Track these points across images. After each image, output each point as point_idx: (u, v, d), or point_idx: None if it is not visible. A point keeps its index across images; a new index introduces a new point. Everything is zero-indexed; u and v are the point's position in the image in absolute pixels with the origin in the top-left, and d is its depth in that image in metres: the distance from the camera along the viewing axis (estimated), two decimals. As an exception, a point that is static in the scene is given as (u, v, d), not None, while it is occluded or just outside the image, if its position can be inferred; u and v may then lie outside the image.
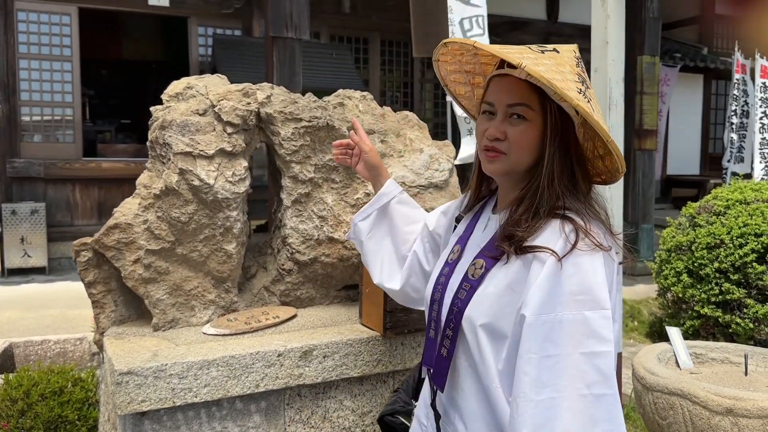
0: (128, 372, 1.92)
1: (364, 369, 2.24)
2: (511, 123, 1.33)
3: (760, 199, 4.52)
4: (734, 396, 2.02)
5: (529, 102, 1.32)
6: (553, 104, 1.31)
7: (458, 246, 1.47)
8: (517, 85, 1.32)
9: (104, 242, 2.20)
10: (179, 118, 2.20)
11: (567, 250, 1.21)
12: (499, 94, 1.36)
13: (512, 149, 1.34)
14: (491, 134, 1.35)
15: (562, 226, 1.26)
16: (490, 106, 1.37)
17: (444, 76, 1.60)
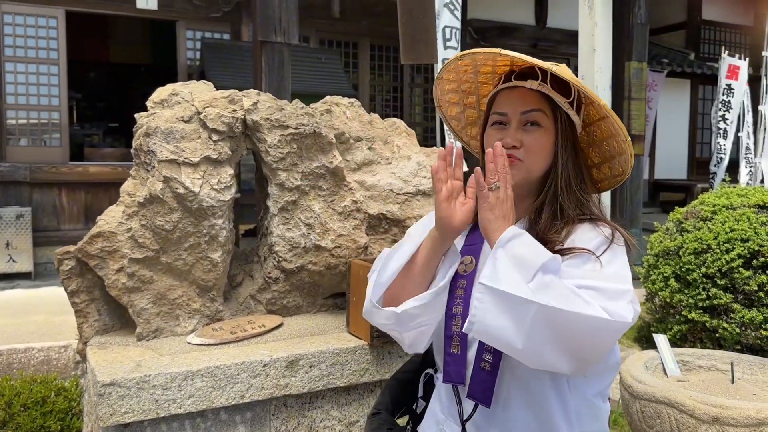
0: (111, 383, 1.89)
1: (351, 378, 2.22)
2: (526, 130, 1.39)
3: (746, 205, 4.55)
4: (721, 404, 2.02)
5: (542, 108, 1.39)
6: (563, 112, 1.39)
7: (470, 257, 1.45)
8: (530, 94, 1.39)
9: (87, 251, 2.17)
10: (164, 126, 2.17)
11: (606, 246, 1.30)
12: (512, 103, 1.41)
13: (528, 155, 1.38)
14: (507, 143, 1.38)
15: (595, 226, 1.34)
16: (502, 116, 1.41)
17: (441, 95, 1.63)
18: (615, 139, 1.46)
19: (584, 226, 1.35)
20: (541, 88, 1.37)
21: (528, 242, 1.27)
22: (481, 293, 1.22)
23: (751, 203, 4.56)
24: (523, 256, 1.23)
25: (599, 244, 1.31)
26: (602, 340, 1.22)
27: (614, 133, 1.44)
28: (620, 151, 1.47)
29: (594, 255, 1.29)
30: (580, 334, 1.20)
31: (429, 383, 1.68)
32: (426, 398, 1.65)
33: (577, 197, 1.37)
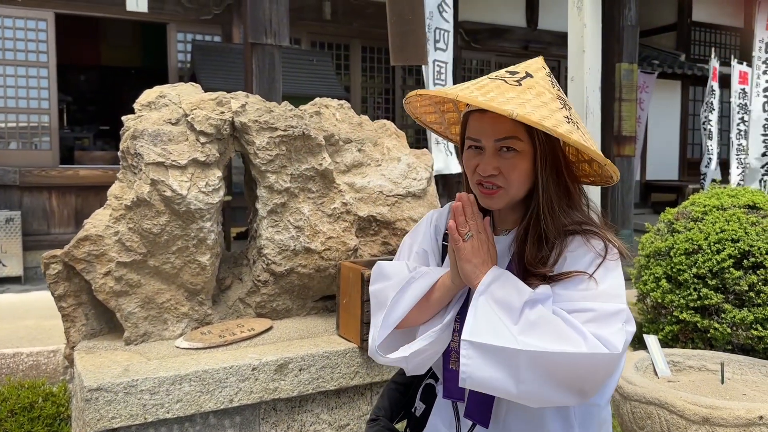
0: (98, 388, 1.87)
1: (341, 382, 2.21)
2: (502, 156, 1.32)
3: (736, 205, 4.56)
4: (710, 405, 2.01)
5: (516, 134, 1.31)
6: (539, 131, 1.30)
7: None
8: (501, 120, 1.29)
9: (74, 255, 2.15)
10: (151, 128, 2.16)
11: (598, 262, 1.27)
12: (484, 130, 1.34)
13: (508, 182, 1.33)
14: (484, 170, 1.33)
15: (586, 241, 1.30)
16: (477, 141, 1.35)
17: (413, 111, 1.60)
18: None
19: (575, 242, 1.31)
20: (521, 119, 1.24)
21: (509, 282, 1.25)
22: (465, 349, 1.21)
23: (741, 203, 4.57)
24: (505, 298, 1.22)
25: (591, 260, 1.28)
26: (597, 374, 1.20)
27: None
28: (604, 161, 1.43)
29: (587, 274, 1.26)
30: (573, 371, 1.19)
31: (428, 389, 1.66)
32: (425, 401, 1.63)
33: (560, 220, 1.33)
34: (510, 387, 1.19)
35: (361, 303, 2.19)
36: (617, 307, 1.22)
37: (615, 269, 1.29)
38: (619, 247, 1.31)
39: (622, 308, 1.23)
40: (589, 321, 1.21)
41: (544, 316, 1.20)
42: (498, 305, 1.22)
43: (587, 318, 1.21)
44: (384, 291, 1.47)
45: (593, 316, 1.21)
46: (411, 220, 2.55)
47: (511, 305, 1.22)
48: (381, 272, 1.51)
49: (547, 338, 1.18)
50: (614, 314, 1.22)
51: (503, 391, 1.20)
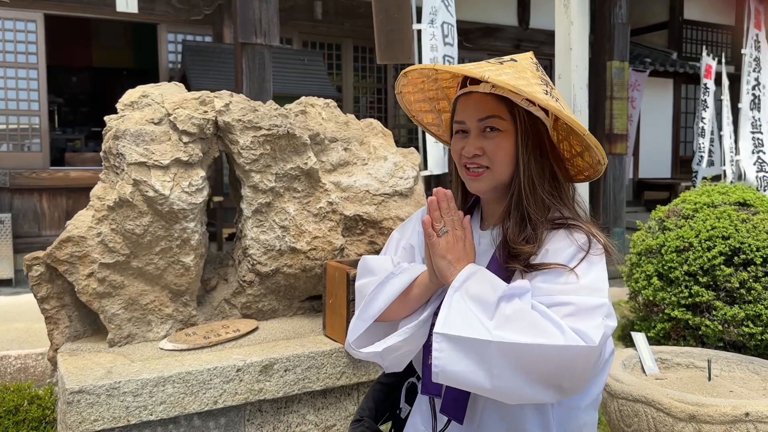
0: (80, 390, 1.85)
1: (327, 382, 2.19)
2: (486, 137, 1.33)
3: (727, 202, 4.57)
4: (697, 402, 2.01)
5: (498, 113, 1.32)
6: (521, 111, 1.32)
7: None
8: (484, 99, 1.33)
9: (56, 256, 2.13)
10: (133, 128, 2.14)
11: (581, 256, 1.25)
12: (468, 111, 1.35)
13: (492, 162, 1.33)
14: (468, 151, 1.34)
15: (569, 234, 1.28)
16: (462, 124, 1.37)
17: (409, 107, 1.60)
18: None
19: (558, 235, 1.30)
20: (494, 90, 1.30)
21: (485, 278, 1.24)
22: (437, 342, 1.19)
23: (731, 201, 4.58)
24: (481, 294, 1.21)
25: (573, 254, 1.26)
26: (575, 368, 1.18)
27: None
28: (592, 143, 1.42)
29: (567, 267, 1.24)
30: (549, 365, 1.16)
31: (412, 389, 1.65)
32: (410, 403, 1.62)
33: (542, 198, 1.32)
34: (483, 381, 1.17)
35: (347, 303, 2.18)
36: (598, 301, 1.21)
37: (598, 264, 1.27)
38: (604, 244, 1.29)
39: (603, 302, 1.21)
40: (568, 315, 1.19)
41: (520, 309, 1.19)
42: (472, 300, 1.21)
43: (567, 312, 1.20)
44: (367, 286, 1.46)
45: (573, 309, 1.20)
46: (398, 219, 2.54)
47: (486, 300, 1.20)
48: (366, 267, 1.50)
49: (523, 331, 1.16)
50: (595, 308, 1.20)
51: (477, 386, 1.18)
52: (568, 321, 1.18)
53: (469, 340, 1.16)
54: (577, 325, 1.17)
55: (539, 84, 1.30)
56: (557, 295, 1.22)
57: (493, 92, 1.31)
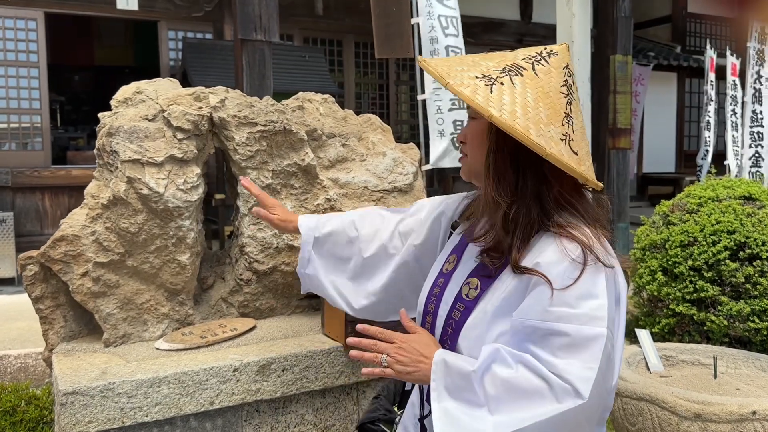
0: (73, 392, 1.83)
1: (326, 381, 2.16)
2: (470, 125, 1.32)
3: (732, 197, 4.51)
4: (702, 400, 1.97)
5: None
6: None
7: (454, 255, 1.40)
8: None
9: (50, 255, 2.10)
10: (127, 125, 2.10)
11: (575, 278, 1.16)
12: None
13: (468, 150, 1.31)
14: (458, 138, 1.36)
15: (561, 244, 1.19)
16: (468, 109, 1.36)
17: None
18: None
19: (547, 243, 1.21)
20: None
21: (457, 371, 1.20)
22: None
23: (736, 195, 4.52)
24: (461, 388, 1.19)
25: (566, 271, 1.17)
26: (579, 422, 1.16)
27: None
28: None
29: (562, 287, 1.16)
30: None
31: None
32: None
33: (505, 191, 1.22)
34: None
35: (345, 301, 2.14)
36: (595, 332, 1.14)
37: (595, 280, 1.17)
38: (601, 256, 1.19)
39: (601, 333, 1.14)
40: (563, 347, 1.15)
41: (503, 380, 1.16)
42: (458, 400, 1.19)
43: (561, 343, 1.15)
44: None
45: (568, 341, 1.14)
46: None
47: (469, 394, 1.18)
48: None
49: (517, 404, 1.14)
50: (592, 340, 1.14)
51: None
52: (561, 358, 1.14)
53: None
54: (568, 369, 1.13)
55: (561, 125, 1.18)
56: (554, 322, 1.15)
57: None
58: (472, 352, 1.24)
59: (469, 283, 1.31)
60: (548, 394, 1.13)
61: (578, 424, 1.16)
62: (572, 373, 1.13)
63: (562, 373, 1.13)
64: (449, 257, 1.42)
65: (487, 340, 1.23)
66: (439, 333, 1.34)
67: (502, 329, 1.23)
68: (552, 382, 1.13)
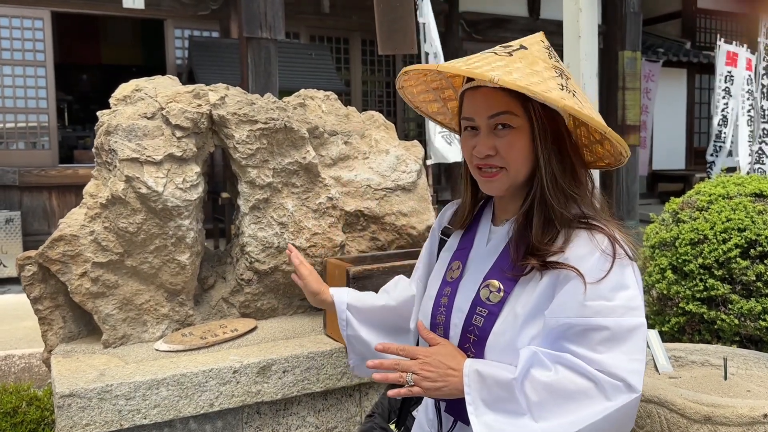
0: (70, 394, 1.80)
1: (328, 383, 2.13)
2: (498, 135, 1.23)
3: (742, 194, 4.44)
4: (712, 403, 1.92)
5: (510, 108, 1.22)
6: (536, 104, 1.21)
7: (458, 262, 1.35)
8: (494, 94, 1.22)
9: (49, 255, 2.08)
10: (125, 123, 2.08)
11: (607, 270, 1.15)
12: (477, 107, 1.25)
13: (508, 162, 1.24)
14: (480, 152, 1.24)
15: (591, 237, 1.19)
16: (470, 120, 1.27)
17: (412, 99, 1.50)
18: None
19: (580, 238, 1.20)
20: (503, 84, 1.15)
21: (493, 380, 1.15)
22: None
23: (747, 192, 4.45)
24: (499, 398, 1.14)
25: (598, 263, 1.16)
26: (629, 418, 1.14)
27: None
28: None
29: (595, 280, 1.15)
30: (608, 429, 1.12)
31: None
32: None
33: (566, 194, 1.23)
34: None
35: (347, 301, 2.10)
36: (635, 322, 1.12)
37: (626, 271, 1.17)
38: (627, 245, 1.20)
39: (640, 323, 1.12)
40: (603, 341, 1.11)
41: (544, 385, 1.11)
42: (497, 411, 1.14)
43: (602, 338, 1.12)
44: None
45: (608, 335, 1.11)
46: (400, 214, 2.46)
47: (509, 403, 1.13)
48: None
49: (563, 408, 1.09)
50: (632, 330, 1.12)
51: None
52: (605, 350, 1.11)
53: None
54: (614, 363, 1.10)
55: (554, 77, 1.20)
56: (590, 318, 1.13)
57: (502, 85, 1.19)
58: (502, 359, 1.19)
59: (488, 285, 1.25)
60: (596, 393, 1.10)
61: (630, 418, 1.13)
62: (619, 366, 1.10)
63: (608, 369, 1.10)
64: (451, 264, 1.37)
65: (519, 345, 1.18)
66: (456, 342, 1.28)
67: (534, 332, 1.19)
68: (598, 380, 1.10)
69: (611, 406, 1.08)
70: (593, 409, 1.09)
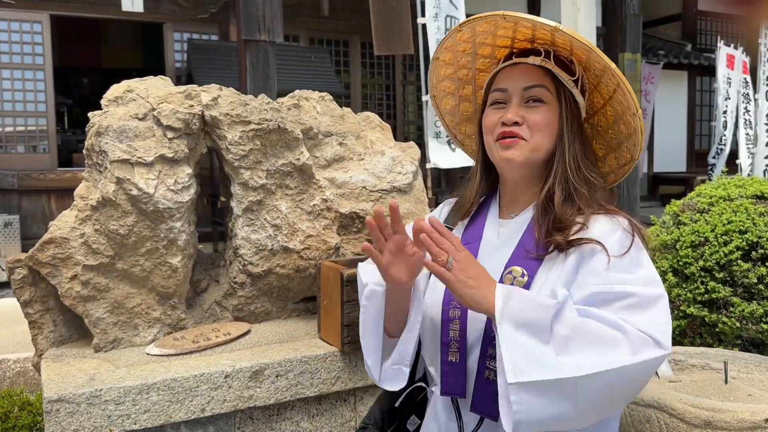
0: (58, 399, 1.77)
1: (322, 388, 2.09)
2: (528, 107, 1.31)
3: (743, 195, 4.41)
4: (712, 407, 1.88)
5: (545, 83, 1.31)
6: (566, 90, 1.31)
7: None
8: (532, 70, 1.32)
9: (38, 258, 2.05)
10: (116, 124, 2.05)
11: (628, 246, 1.20)
12: (513, 78, 1.33)
13: (533, 133, 1.29)
14: (509, 119, 1.29)
15: (611, 218, 1.26)
16: (503, 92, 1.33)
17: (436, 83, 1.53)
18: (623, 118, 1.37)
19: (600, 219, 1.26)
20: (544, 63, 1.31)
21: (525, 300, 1.14)
22: (516, 394, 1.09)
23: (748, 194, 4.42)
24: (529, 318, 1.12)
25: (620, 239, 1.21)
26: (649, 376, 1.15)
27: (625, 108, 1.35)
28: (628, 132, 1.37)
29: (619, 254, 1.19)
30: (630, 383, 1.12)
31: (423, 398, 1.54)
32: (419, 415, 1.52)
33: (586, 178, 1.29)
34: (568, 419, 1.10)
35: (341, 304, 2.08)
36: (659, 292, 1.16)
37: (645, 252, 1.23)
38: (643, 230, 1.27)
39: (664, 293, 1.16)
40: (631, 306, 1.13)
41: (575, 326, 1.11)
42: (525, 329, 1.11)
43: (629, 303, 1.14)
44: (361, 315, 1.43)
45: (635, 301, 1.14)
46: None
47: (539, 325, 1.11)
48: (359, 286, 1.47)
49: (588, 351, 1.09)
50: (657, 299, 1.15)
51: (561, 424, 1.11)
52: (632, 314, 1.12)
53: (551, 383, 1.07)
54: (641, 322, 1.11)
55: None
56: (615, 285, 1.16)
57: (542, 65, 1.30)
58: None
59: (511, 272, 1.26)
60: (624, 343, 1.10)
61: (648, 377, 1.14)
62: (647, 325, 1.12)
63: (636, 325, 1.11)
64: None
65: None
66: (479, 335, 1.26)
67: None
68: (627, 332, 1.10)
69: (636, 358, 1.09)
70: (618, 358, 1.09)
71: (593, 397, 1.08)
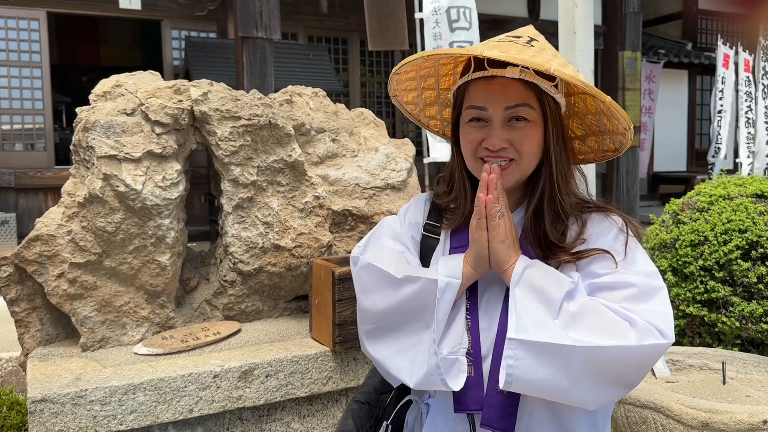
0: (42, 399, 1.73)
1: (313, 388, 2.06)
2: (512, 127, 1.21)
3: (743, 194, 4.37)
4: (710, 408, 1.85)
5: (528, 101, 1.20)
6: (549, 99, 1.22)
7: None
8: (512, 85, 1.20)
9: (25, 256, 2.02)
10: (104, 119, 2.01)
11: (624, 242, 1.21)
12: (492, 97, 1.21)
13: (520, 155, 1.21)
14: (494, 144, 1.20)
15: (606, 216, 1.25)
16: (482, 111, 1.22)
17: (396, 86, 1.46)
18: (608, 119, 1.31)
19: (596, 219, 1.25)
20: (524, 76, 1.17)
21: (543, 271, 1.15)
22: (513, 349, 1.09)
23: (748, 193, 4.38)
24: (544, 288, 1.13)
25: (616, 237, 1.21)
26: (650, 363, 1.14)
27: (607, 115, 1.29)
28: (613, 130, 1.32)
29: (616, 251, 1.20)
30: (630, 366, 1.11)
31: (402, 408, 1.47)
32: (394, 424, 1.45)
33: (569, 188, 1.26)
34: (563, 389, 1.08)
35: (332, 303, 2.04)
36: (658, 283, 1.16)
37: (639, 246, 1.22)
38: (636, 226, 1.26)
39: (663, 285, 1.16)
40: (631, 297, 1.13)
41: (585, 305, 1.11)
42: (537, 296, 1.12)
43: (630, 294, 1.14)
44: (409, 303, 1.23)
45: (636, 291, 1.14)
46: (390, 213, 2.40)
47: (551, 297, 1.12)
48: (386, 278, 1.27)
49: (593, 330, 1.08)
50: (657, 290, 1.15)
51: (555, 394, 1.10)
52: (634, 305, 1.12)
53: (550, 346, 1.07)
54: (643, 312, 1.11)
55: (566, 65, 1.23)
56: (616, 275, 1.17)
57: (521, 78, 1.18)
58: None
59: None
60: (630, 331, 1.09)
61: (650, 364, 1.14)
62: (651, 314, 1.11)
63: (641, 314, 1.11)
64: None
65: None
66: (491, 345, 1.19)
67: None
68: (634, 321, 1.10)
69: (640, 344, 1.08)
70: (622, 341, 1.08)
71: (590, 370, 1.07)
